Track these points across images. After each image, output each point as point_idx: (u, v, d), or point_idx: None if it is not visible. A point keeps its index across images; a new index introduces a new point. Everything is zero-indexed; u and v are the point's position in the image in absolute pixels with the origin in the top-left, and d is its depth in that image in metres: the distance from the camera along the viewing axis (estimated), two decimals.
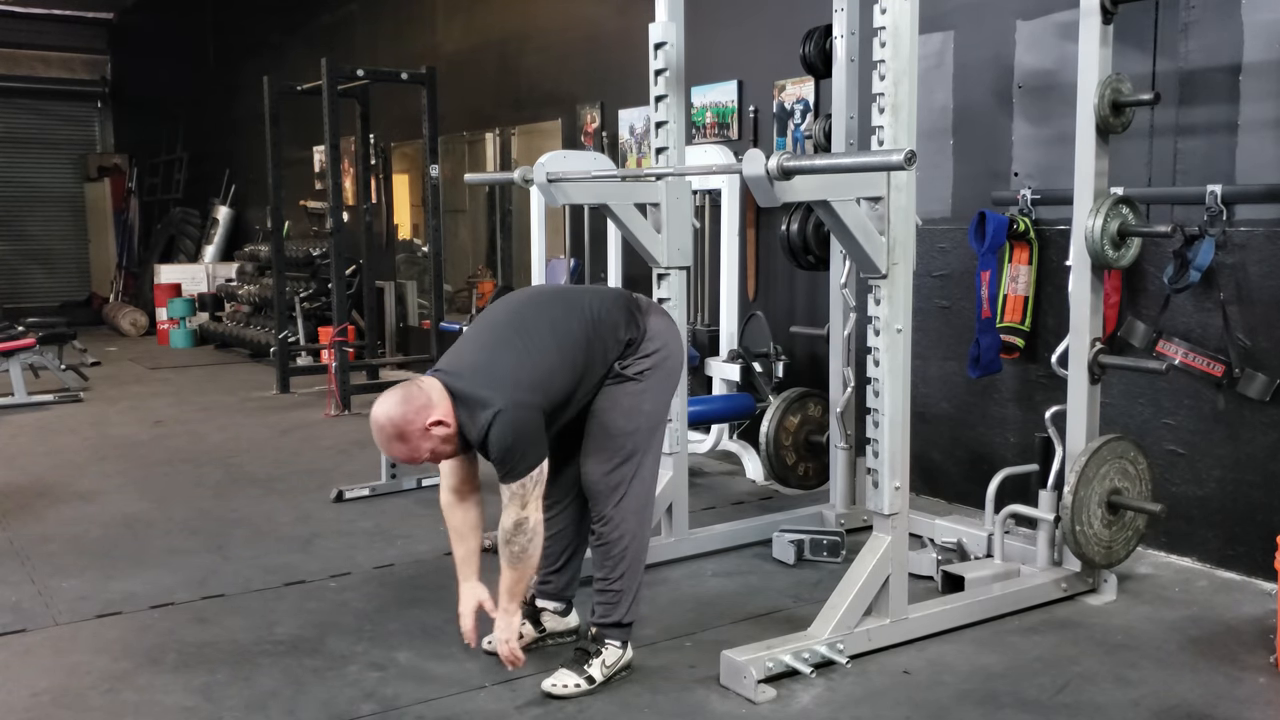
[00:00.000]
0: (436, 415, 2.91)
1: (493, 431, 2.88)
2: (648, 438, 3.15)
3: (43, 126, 15.92)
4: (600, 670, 3.06)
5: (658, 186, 3.94)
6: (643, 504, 3.17)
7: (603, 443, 3.11)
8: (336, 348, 7.44)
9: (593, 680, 3.04)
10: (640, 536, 3.17)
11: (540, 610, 3.38)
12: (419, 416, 2.90)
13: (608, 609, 3.13)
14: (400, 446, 2.93)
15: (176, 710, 3.02)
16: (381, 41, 9.75)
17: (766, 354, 5.39)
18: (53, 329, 8.77)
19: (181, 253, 13.68)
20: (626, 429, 3.10)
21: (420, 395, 2.92)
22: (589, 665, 3.06)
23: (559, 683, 3.03)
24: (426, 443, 2.93)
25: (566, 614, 3.42)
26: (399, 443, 2.92)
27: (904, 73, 3.12)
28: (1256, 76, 3.77)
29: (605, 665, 3.08)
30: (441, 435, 2.93)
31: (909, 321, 3.21)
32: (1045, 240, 4.42)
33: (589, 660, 3.07)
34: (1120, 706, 2.95)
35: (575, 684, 3.03)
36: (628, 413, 3.10)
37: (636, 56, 4.60)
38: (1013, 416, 4.64)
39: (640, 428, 3.12)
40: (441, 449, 2.98)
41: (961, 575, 3.69)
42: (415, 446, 2.93)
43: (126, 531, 4.73)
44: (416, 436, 2.91)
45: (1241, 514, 3.89)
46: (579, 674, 3.05)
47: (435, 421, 2.91)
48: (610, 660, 3.09)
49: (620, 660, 3.12)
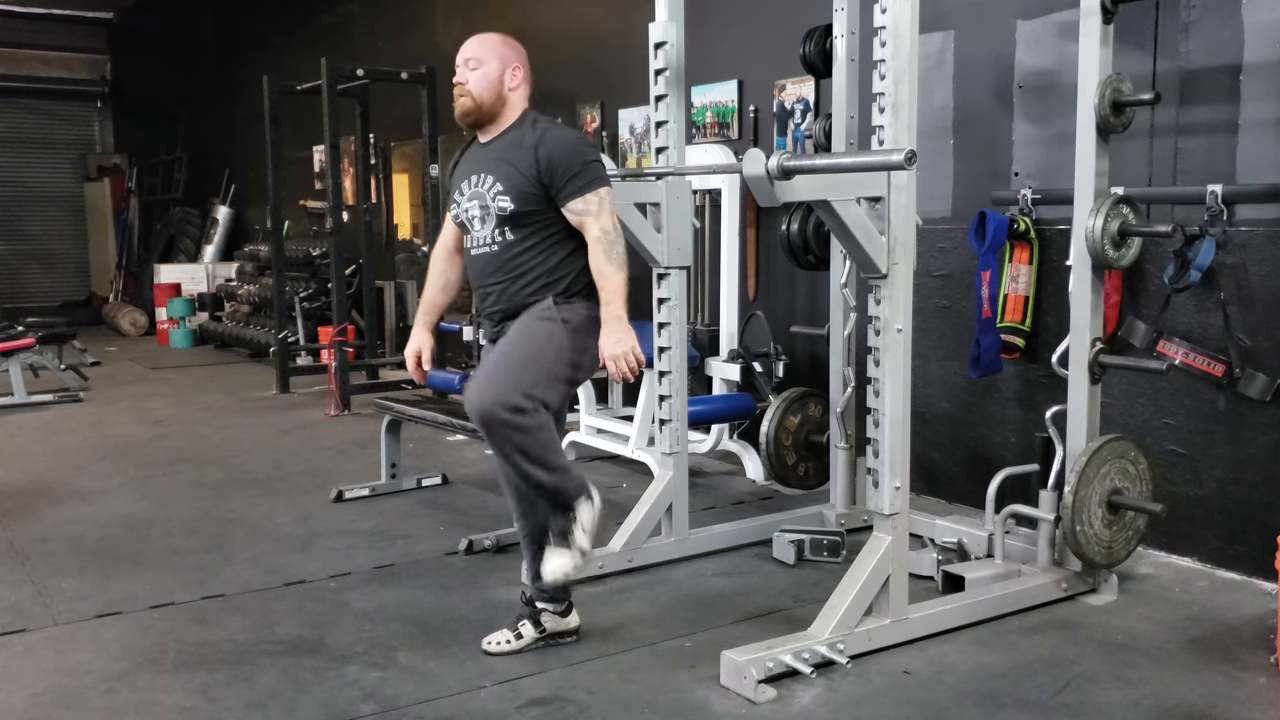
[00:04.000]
0: (524, 73, 3.16)
1: (556, 131, 3.09)
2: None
3: (43, 126, 15.90)
4: (584, 537, 3.08)
5: (658, 186, 3.94)
6: None
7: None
8: (336, 348, 7.44)
9: (584, 552, 3.09)
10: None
11: (540, 611, 3.36)
12: (522, 57, 3.18)
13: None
14: (494, 39, 3.18)
15: (176, 710, 3.02)
16: (381, 41, 9.75)
17: (767, 354, 5.38)
18: (52, 329, 8.76)
19: (181, 253, 13.68)
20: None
21: (528, 66, 3.21)
22: (574, 535, 3.08)
23: (556, 566, 3.06)
24: (497, 61, 3.12)
25: (567, 614, 3.41)
26: (497, 37, 3.19)
27: (904, 72, 3.12)
28: (1257, 76, 3.76)
29: (585, 529, 3.08)
30: (505, 77, 3.12)
31: (909, 321, 3.21)
32: (1046, 240, 4.42)
33: (571, 530, 3.08)
34: (1121, 706, 2.95)
35: (574, 563, 3.09)
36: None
37: (636, 56, 4.60)
38: (1013, 416, 4.64)
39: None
40: (484, 85, 3.11)
41: (962, 575, 3.69)
42: (494, 49, 3.14)
43: (126, 531, 4.73)
44: (504, 51, 3.15)
45: (1242, 514, 3.88)
46: (570, 548, 3.08)
47: (517, 67, 3.15)
48: (588, 521, 3.10)
49: (594, 512, 3.11)
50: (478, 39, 3.18)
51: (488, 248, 3.11)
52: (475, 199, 3.10)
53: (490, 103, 3.12)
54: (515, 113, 3.17)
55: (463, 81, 3.13)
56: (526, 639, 3.33)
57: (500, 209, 3.05)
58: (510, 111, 3.16)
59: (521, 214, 3.05)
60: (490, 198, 3.06)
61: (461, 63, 3.15)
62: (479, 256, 3.15)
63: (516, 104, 3.16)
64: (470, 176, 3.15)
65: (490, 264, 3.12)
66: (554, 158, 3.02)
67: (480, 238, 3.13)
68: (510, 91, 3.13)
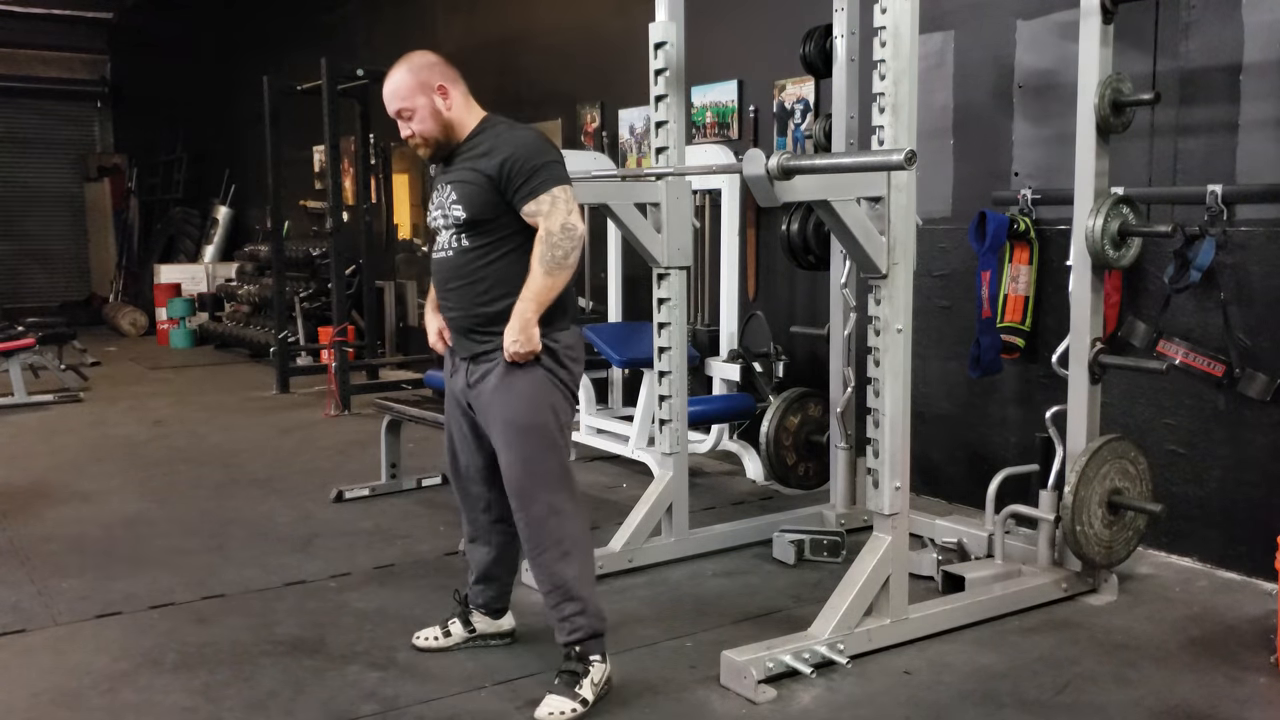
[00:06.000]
0: (451, 85, 3.03)
1: (510, 133, 3.00)
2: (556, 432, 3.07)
3: (43, 126, 15.90)
4: (591, 690, 2.95)
5: (658, 186, 3.94)
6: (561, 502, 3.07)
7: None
8: (336, 348, 7.44)
9: (586, 703, 2.93)
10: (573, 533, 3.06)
11: (470, 611, 3.38)
12: (438, 71, 3.02)
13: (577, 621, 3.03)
14: (405, 79, 3.01)
15: (176, 710, 3.02)
16: (381, 41, 9.75)
17: (767, 354, 5.39)
18: (52, 329, 8.76)
19: (181, 253, 13.68)
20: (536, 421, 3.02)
21: (453, 69, 3.07)
22: (580, 687, 2.94)
23: (554, 710, 2.91)
24: (423, 97, 3.00)
25: (499, 617, 3.40)
26: (405, 74, 3.02)
27: (904, 72, 3.12)
28: (1257, 76, 3.77)
29: (594, 684, 2.97)
30: (438, 105, 3.00)
31: (909, 321, 3.21)
32: (1046, 240, 4.42)
33: (579, 681, 2.95)
34: (1121, 706, 2.95)
35: (571, 709, 2.91)
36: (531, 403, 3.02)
37: (636, 56, 4.60)
38: (1013, 416, 4.64)
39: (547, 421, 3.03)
40: (428, 123, 3.02)
41: (962, 575, 3.69)
42: (412, 89, 3.00)
43: (126, 531, 4.73)
44: (421, 84, 3.00)
45: (1242, 514, 3.88)
46: (572, 698, 2.92)
47: (443, 87, 3.01)
48: (598, 678, 2.98)
49: (605, 674, 3.01)
50: (391, 88, 3.04)
51: (445, 253, 3.07)
52: (439, 209, 3.06)
53: (441, 134, 3.04)
54: (470, 124, 3.06)
55: (409, 134, 3.06)
56: (455, 637, 3.38)
57: (456, 217, 2.99)
58: (462, 127, 3.06)
59: (477, 221, 2.98)
60: (448, 206, 3.02)
61: (394, 115, 3.07)
62: (439, 261, 3.10)
63: (464, 117, 3.06)
64: (438, 187, 3.11)
65: (448, 269, 3.07)
66: (508, 161, 2.93)
67: (440, 243, 3.10)
68: (450, 113, 3.03)
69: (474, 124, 3.07)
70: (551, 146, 3.05)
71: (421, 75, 3.02)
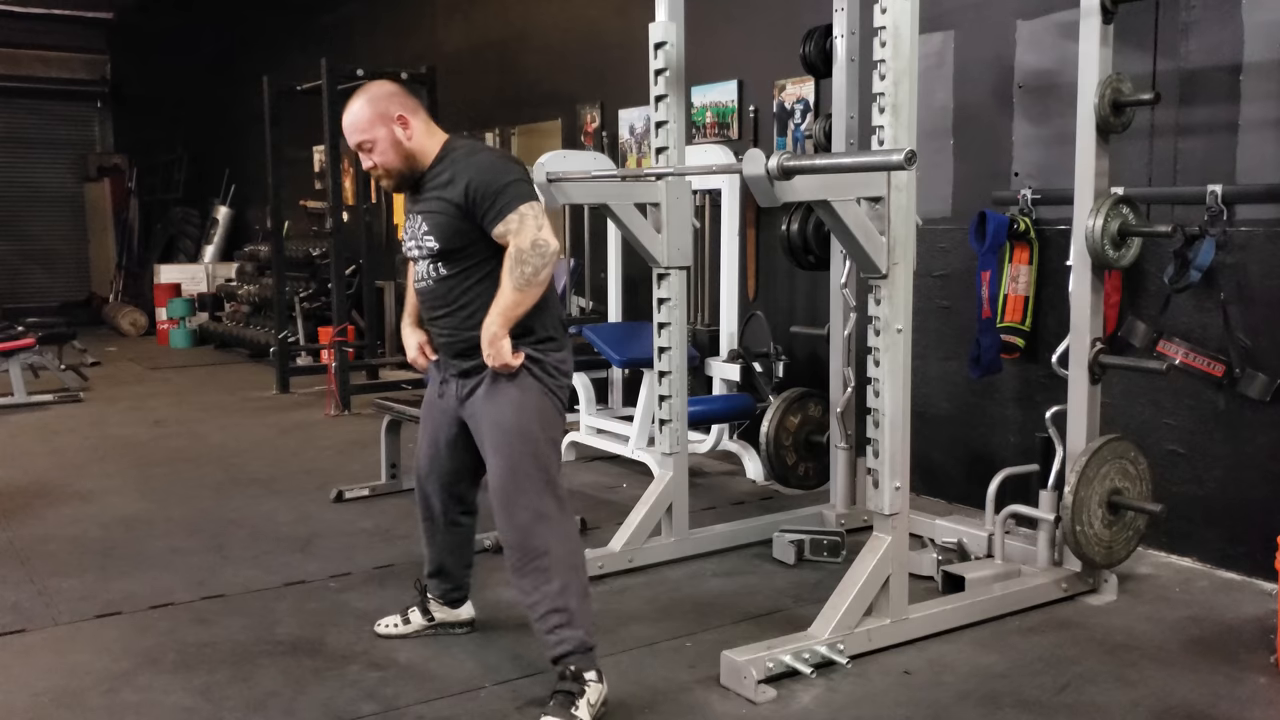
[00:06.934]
0: (411, 115, 2.99)
1: (469, 159, 2.96)
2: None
3: (43, 126, 15.90)
4: (588, 711, 2.86)
5: (658, 186, 3.94)
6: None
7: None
8: (336, 348, 7.44)
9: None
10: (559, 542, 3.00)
11: (428, 600, 3.42)
12: (397, 101, 2.99)
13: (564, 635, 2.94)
14: (363, 110, 2.97)
15: (176, 710, 3.02)
16: (381, 41, 9.75)
17: (766, 354, 5.38)
18: (52, 329, 8.76)
19: (181, 253, 13.68)
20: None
21: (412, 98, 3.04)
22: (575, 708, 2.85)
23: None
24: (383, 128, 2.96)
25: (457, 606, 3.44)
26: (364, 106, 2.98)
27: (904, 72, 3.12)
28: (1256, 76, 3.76)
29: (590, 704, 2.88)
30: (399, 136, 2.97)
31: (909, 321, 3.21)
32: (1046, 240, 4.42)
33: (574, 702, 2.87)
34: (1120, 706, 2.95)
35: None
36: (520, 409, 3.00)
37: (636, 56, 4.60)
38: (1013, 416, 4.64)
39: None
40: (389, 154, 2.99)
41: (962, 575, 3.69)
42: (371, 121, 2.96)
43: (126, 531, 4.73)
44: (379, 115, 2.96)
45: (1242, 514, 3.88)
46: (568, 718, 2.85)
47: (402, 117, 2.97)
48: (594, 699, 2.89)
49: (601, 695, 2.93)
50: (351, 120, 3.01)
51: (425, 282, 3.06)
52: (412, 239, 3.05)
53: (403, 164, 3.01)
54: (432, 151, 3.02)
55: (370, 166, 3.04)
56: (414, 625, 3.43)
57: (430, 248, 2.98)
58: (425, 155, 3.02)
59: (450, 250, 2.97)
60: (421, 237, 3.01)
61: (355, 148, 3.04)
62: (421, 291, 3.09)
63: (426, 144, 3.02)
64: (409, 217, 3.10)
65: (433, 298, 3.06)
66: (470, 187, 2.89)
67: (419, 273, 3.09)
68: (411, 143, 2.99)
69: (436, 150, 3.03)
70: (513, 164, 3.01)
71: (380, 106, 2.98)
